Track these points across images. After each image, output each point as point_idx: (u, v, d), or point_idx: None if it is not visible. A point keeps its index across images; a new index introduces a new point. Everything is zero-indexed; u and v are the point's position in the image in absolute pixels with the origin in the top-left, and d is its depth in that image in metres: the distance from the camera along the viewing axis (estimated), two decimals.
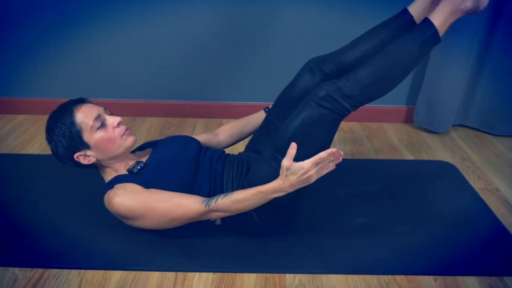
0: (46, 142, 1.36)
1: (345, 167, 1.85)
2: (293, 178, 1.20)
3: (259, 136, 1.60)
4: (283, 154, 1.22)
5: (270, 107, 1.68)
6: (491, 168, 1.92)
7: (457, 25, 1.93)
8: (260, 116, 1.69)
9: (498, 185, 1.79)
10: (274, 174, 1.26)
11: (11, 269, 1.31)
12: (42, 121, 2.17)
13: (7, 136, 2.13)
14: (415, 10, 1.43)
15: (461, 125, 2.29)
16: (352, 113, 1.38)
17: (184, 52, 2.20)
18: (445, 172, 1.86)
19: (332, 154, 1.18)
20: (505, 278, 1.32)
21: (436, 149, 2.07)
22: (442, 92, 2.11)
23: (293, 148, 1.19)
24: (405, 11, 1.44)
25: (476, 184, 1.79)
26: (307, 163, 1.18)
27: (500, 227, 1.52)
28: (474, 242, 1.45)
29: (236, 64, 2.23)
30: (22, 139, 2.09)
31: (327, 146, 1.34)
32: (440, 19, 1.30)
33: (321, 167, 1.21)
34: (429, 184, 1.76)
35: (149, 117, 2.33)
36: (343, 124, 2.27)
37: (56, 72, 2.25)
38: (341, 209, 1.60)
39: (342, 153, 1.21)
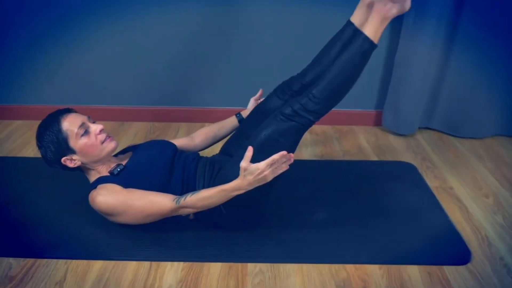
0: (37, 148, 1.53)
1: (312, 168, 2.04)
2: (250, 178, 1.36)
3: (232, 141, 1.78)
4: (253, 158, 1.37)
5: (241, 112, 1.86)
6: (448, 168, 2.08)
7: (420, 34, 2.12)
8: (233, 121, 1.86)
9: (452, 184, 1.95)
10: None
11: (6, 259, 1.48)
12: (36, 126, 2.35)
13: (5, 140, 2.30)
14: (357, 20, 1.60)
15: (427, 128, 2.46)
16: (325, 116, 1.55)
17: (167, 60, 2.37)
18: (405, 172, 2.02)
19: (284, 156, 1.34)
20: (444, 267, 1.48)
21: (400, 151, 2.24)
22: (406, 97, 2.27)
23: (249, 151, 1.35)
24: (349, 22, 1.62)
25: (432, 183, 1.95)
26: (262, 164, 1.34)
27: (446, 222, 1.68)
28: (420, 234, 1.61)
29: (217, 71, 2.40)
30: (19, 143, 2.27)
31: (292, 150, 1.51)
32: (372, 30, 1.47)
33: (275, 168, 1.37)
34: (388, 183, 1.93)
35: (136, 121, 2.50)
36: (316, 127, 2.44)
37: (48, 81, 2.43)
38: (305, 206, 1.76)
39: (292, 155, 1.37)
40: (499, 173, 2.04)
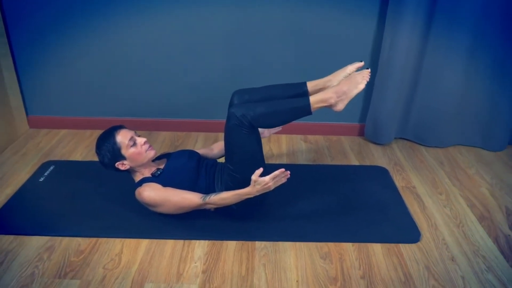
0: (96, 155, 2.05)
1: (305, 171, 2.56)
2: (258, 187, 1.83)
3: None
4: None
5: None
6: (414, 171, 2.60)
7: (394, 65, 2.62)
8: None
9: (416, 184, 2.47)
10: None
11: (75, 239, 1.99)
12: (79, 134, 2.90)
13: (56, 146, 2.82)
14: (310, 87, 2.05)
15: (402, 138, 2.98)
16: (318, 128, 2.22)
17: (187, 80, 2.86)
18: (378, 174, 2.54)
19: (282, 172, 1.82)
20: (400, 245, 2.00)
21: (377, 157, 2.75)
22: (382, 113, 2.77)
23: (260, 170, 1.81)
24: (304, 84, 2.06)
25: (400, 183, 2.47)
26: (267, 178, 1.80)
27: (405, 212, 2.20)
28: (384, 221, 2.12)
29: (229, 90, 2.89)
30: (68, 149, 2.78)
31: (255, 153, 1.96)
32: (314, 100, 1.89)
33: (276, 181, 1.85)
34: (364, 183, 2.43)
35: (162, 131, 3.02)
36: (311, 137, 2.95)
37: (89, 95, 2.92)
38: (298, 201, 2.26)
39: (288, 172, 1.86)
40: (453, 175, 2.56)
